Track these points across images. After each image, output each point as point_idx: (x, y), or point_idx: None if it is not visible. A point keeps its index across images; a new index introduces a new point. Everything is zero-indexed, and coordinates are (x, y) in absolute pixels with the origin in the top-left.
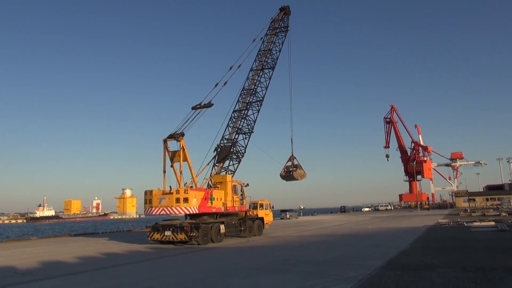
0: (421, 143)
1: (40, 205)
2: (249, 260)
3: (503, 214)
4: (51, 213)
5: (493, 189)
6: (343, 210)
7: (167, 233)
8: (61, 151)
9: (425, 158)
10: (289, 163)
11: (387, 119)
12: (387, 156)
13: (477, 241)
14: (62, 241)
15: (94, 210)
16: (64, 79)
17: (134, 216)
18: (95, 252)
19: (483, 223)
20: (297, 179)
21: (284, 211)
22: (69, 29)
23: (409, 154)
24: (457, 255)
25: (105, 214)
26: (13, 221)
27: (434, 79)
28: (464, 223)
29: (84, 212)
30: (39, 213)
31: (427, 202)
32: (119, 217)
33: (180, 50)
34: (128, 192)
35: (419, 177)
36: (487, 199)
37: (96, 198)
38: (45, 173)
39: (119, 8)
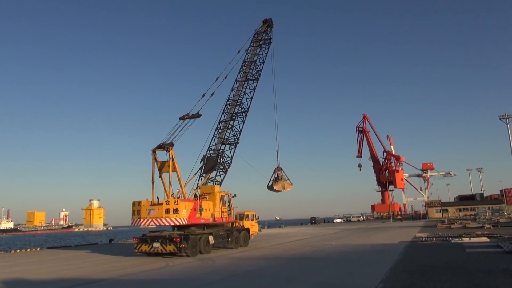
0: (393, 153)
1: None
2: None
3: (487, 226)
4: (10, 225)
5: (465, 199)
6: (313, 221)
7: (156, 244)
8: (26, 162)
9: (397, 168)
10: (275, 175)
11: (359, 128)
12: (360, 165)
13: (490, 275)
14: None
15: (61, 222)
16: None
17: (101, 228)
18: None
19: (474, 240)
20: (279, 191)
21: None
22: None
23: (381, 164)
24: None
25: (69, 226)
26: None
27: (405, 92)
28: (450, 239)
29: (47, 225)
30: None
31: (399, 213)
32: (85, 229)
33: (162, 63)
34: (95, 203)
35: (391, 187)
36: (459, 209)
37: (63, 209)
38: (10, 185)
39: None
